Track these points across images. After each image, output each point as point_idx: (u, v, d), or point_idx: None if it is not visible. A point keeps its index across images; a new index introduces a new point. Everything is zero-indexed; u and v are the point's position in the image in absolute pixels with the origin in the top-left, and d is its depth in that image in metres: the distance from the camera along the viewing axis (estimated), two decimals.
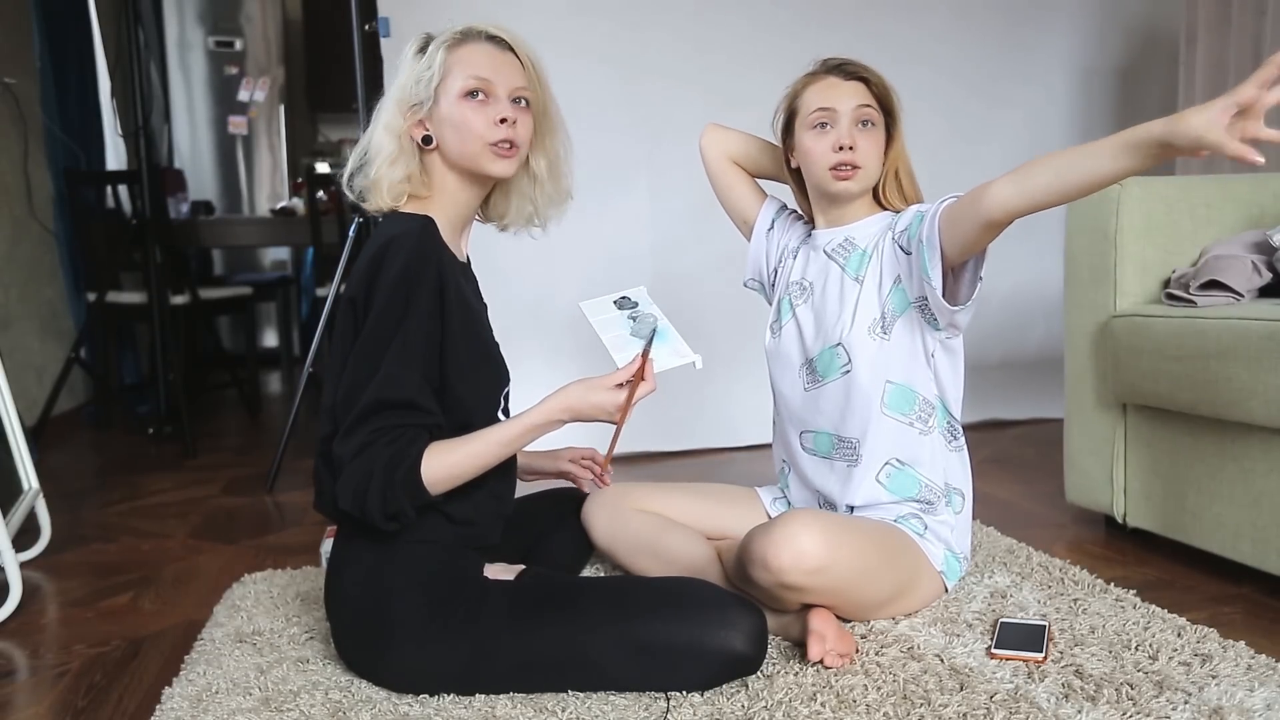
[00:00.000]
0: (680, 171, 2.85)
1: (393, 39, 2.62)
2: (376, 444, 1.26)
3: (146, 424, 3.52)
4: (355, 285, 1.32)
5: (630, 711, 1.28)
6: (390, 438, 1.27)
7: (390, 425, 1.27)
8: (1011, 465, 2.66)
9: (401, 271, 1.29)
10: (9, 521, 1.89)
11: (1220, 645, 1.42)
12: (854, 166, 1.55)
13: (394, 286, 1.28)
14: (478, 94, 1.35)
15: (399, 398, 1.27)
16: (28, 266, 3.56)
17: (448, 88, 1.36)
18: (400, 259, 1.29)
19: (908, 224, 1.53)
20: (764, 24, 2.87)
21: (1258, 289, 1.85)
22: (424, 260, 1.31)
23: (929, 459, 1.58)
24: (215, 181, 5.37)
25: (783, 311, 1.70)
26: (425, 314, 1.30)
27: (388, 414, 1.27)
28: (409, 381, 1.28)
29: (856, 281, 1.58)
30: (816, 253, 1.66)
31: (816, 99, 1.57)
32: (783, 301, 1.70)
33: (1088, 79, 3.19)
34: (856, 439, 1.58)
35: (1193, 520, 1.82)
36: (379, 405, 1.26)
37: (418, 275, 1.30)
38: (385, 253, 1.30)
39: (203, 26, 5.30)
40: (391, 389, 1.27)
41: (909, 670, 1.36)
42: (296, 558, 2.04)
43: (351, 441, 1.27)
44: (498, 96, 1.36)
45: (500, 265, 1.45)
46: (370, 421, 1.26)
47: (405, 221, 1.35)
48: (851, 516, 1.58)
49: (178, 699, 1.37)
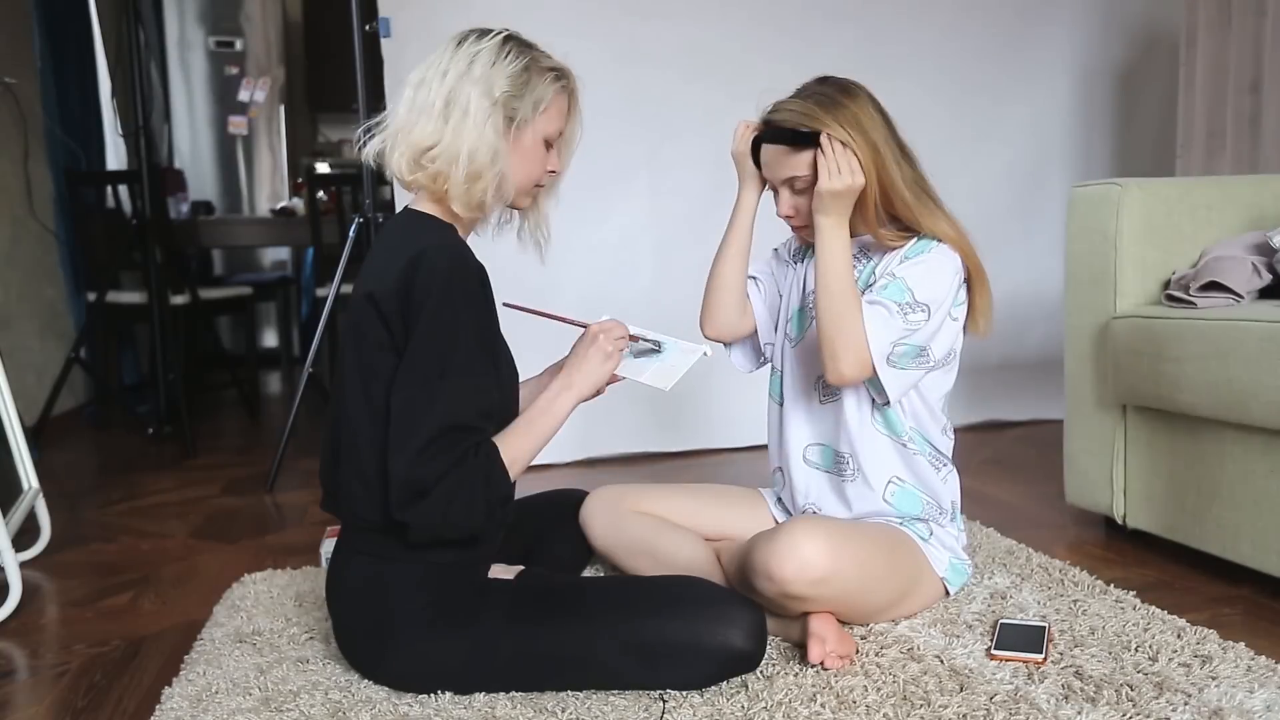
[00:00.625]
0: (681, 171, 2.86)
1: (393, 39, 2.62)
2: (462, 466, 1.25)
3: (146, 424, 3.52)
4: (382, 286, 1.30)
5: (630, 711, 1.28)
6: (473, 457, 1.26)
7: (469, 444, 1.26)
8: (1011, 466, 2.66)
9: (449, 281, 1.27)
10: (9, 521, 1.89)
11: (1220, 646, 1.42)
12: (803, 225, 1.57)
13: (442, 297, 1.26)
14: (552, 144, 1.42)
15: (469, 420, 1.27)
16: (28, 266, 3.56)
17: (540, 124, 1.38)
18: (443, 268, 1.27)
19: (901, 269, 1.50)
20: (766, 22, 2.86)
21: (1258, 290, 1.85)
22: (465, 263, 1.31)
23: (929, 477, 1.57)
24: (215, 181, 5.37)
25: (802, 323, 1.66)
26: (480, 314, 1.31)
27: (461, 434, 1.26)
28: (476, 398, 1.28)
29: None
30: None
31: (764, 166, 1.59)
32: (801, 313, 1.66)
33: (1088, 79, 3.20)
34: (854, 454, 1.57)
35: (1193, 521, 1.82)
36: (451, 429, 1.25)
37: (468, 282, 1.29)
38: (422, 261, 1.27)
39: (203, 26, 5.30)
40: (463, 411, 1.26)
41: (909, 671, 1.36)
42: (296, 558, 2.04)
43: (432, 468, 1.24)
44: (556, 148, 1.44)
45: (500, 265, 1.45)
46: (449, 448, 1.25)
47: (438, 233, 1.34)
48: (854, 521, 1.57)
49: (177, 699, 1.37)
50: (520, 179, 1.39)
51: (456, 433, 1.25)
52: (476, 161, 1.31)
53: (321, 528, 2.21)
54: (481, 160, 1.31)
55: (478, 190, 1.33)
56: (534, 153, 1.39)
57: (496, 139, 1.32)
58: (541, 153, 1.40)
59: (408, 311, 1.28)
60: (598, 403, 1.49)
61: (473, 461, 1.26)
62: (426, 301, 1.26)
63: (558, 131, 1.41)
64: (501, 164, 1.33)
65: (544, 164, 1.41)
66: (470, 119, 1.31)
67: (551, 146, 1.42)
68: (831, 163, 1.44)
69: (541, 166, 1.41)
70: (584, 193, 2.80)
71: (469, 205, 1.34)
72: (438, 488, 1.24)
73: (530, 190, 1.43)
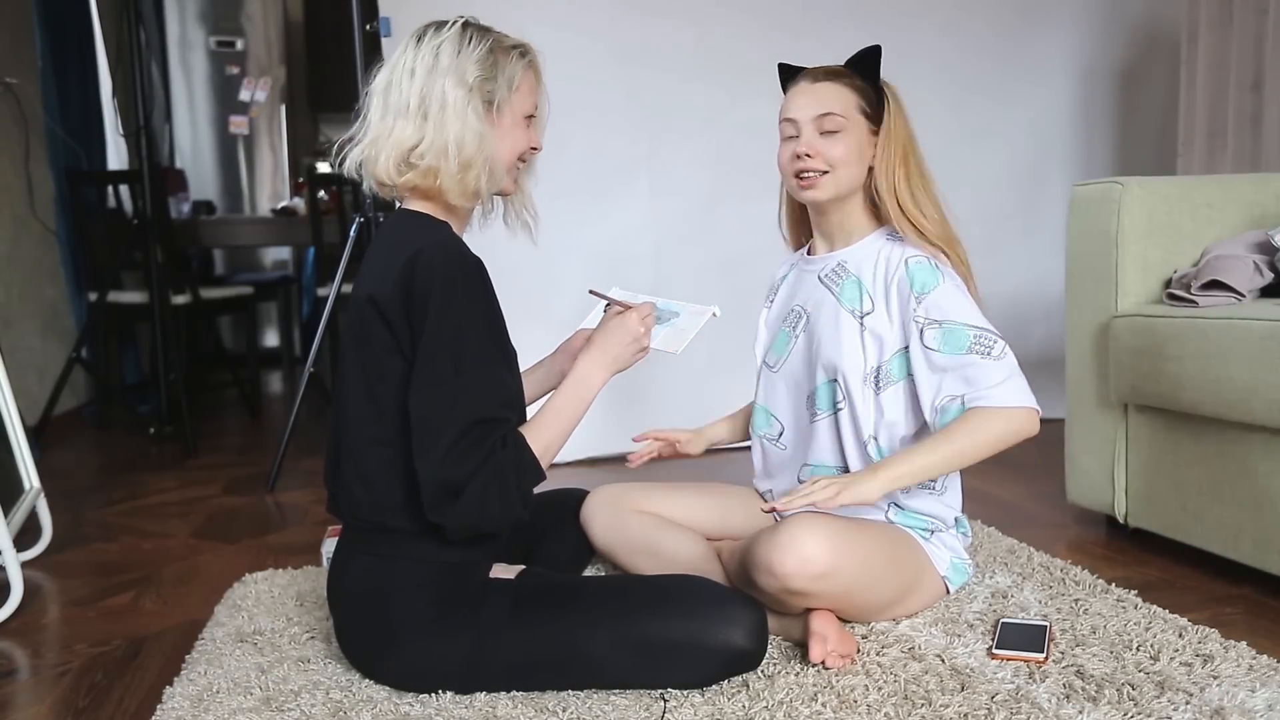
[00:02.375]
0: (682, 170, 2.86)
1: (393, 39, 2.62)
2: (493, 459, 1.25)
3: (148, 423, 3.53)
4: (382, 287, 1.30)
5: (630, 711, 1.28)
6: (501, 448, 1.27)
7: (496, 438, 1.27)
8: (1012, 465, 2.65)
9: (451, 276, 1.27)
10: (10, 521, 1.89)
11: (1222, 646, 1.42)
12: (818, 172, 1.51)
13: (446, 293, 1.26)
14: (530, 118, 1.41)
15: (492, 412, 1.27)
16: (29, 266, 3.57)
17: (515, 102, 1.38)
18: (442, 264, 1.28)
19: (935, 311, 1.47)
20: (767, 21, 2.86)
21: (1259, 289, 1.85)
22: (463, 259, 1.31)
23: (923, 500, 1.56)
24: (216, 181, 5.37)
25: (782, 348, 1.66)
26: (485, 306, 1.31)
27: (487, 428, 1.26)
28: (496, 389, 1.28)
29: (851, 315, 1.54)
30: (810, 276, 1.63)
31: (785, 109, 1.56)
32: (782, 334, 1.66)
33: (1089, 78, 3.19)
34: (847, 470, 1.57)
35: (1194, 520, 1.81)
36: (476, 423, 1.25)
37: (470, 276, 1.30)
38: (420, 260, 1.27)
39: (204, 26, 5.30)
40: (485, 404, 1.26)
41: (910, 670, 1.36)
42: (298, 557, 2.04)
43: (464, 466, 1.24)
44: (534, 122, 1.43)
45: (500, 265, 1.45)
46: (478, 443, 1.25)
47: (434, 231, 1.34)
48: (856, 519, 1.57)
49: (179, 698, 1.37)
50: (508, 159, 1.40)
51: (482, 427, 1.25)
52: (465, 150, 1.32)
53: (322, 527, 2.21)
54: (470, 148, 1.32)
55: (471, 178, 1.33)
56: (516, 131, 1.40)
57: (480, 124, 1.33)
58: (523, 130, 1.41)
59: (411, 312, 1.28)
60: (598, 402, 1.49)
61: (501, 454, 1.26)
62: (429, 301, 1.26)
63: (533, 106, 1.42)
64: (489, 148, 1.34)
65: (527, 141, 1.42)
66: (450, 109, 1.31)
67: (531, 121, 1.43)
68: None
69: (525, 143, 1.42)
70: (584, 193, 2.80)
71: (465, 194, 1.35)
72: (470, 486, 1.24)
73: (514, 170, 1.43)
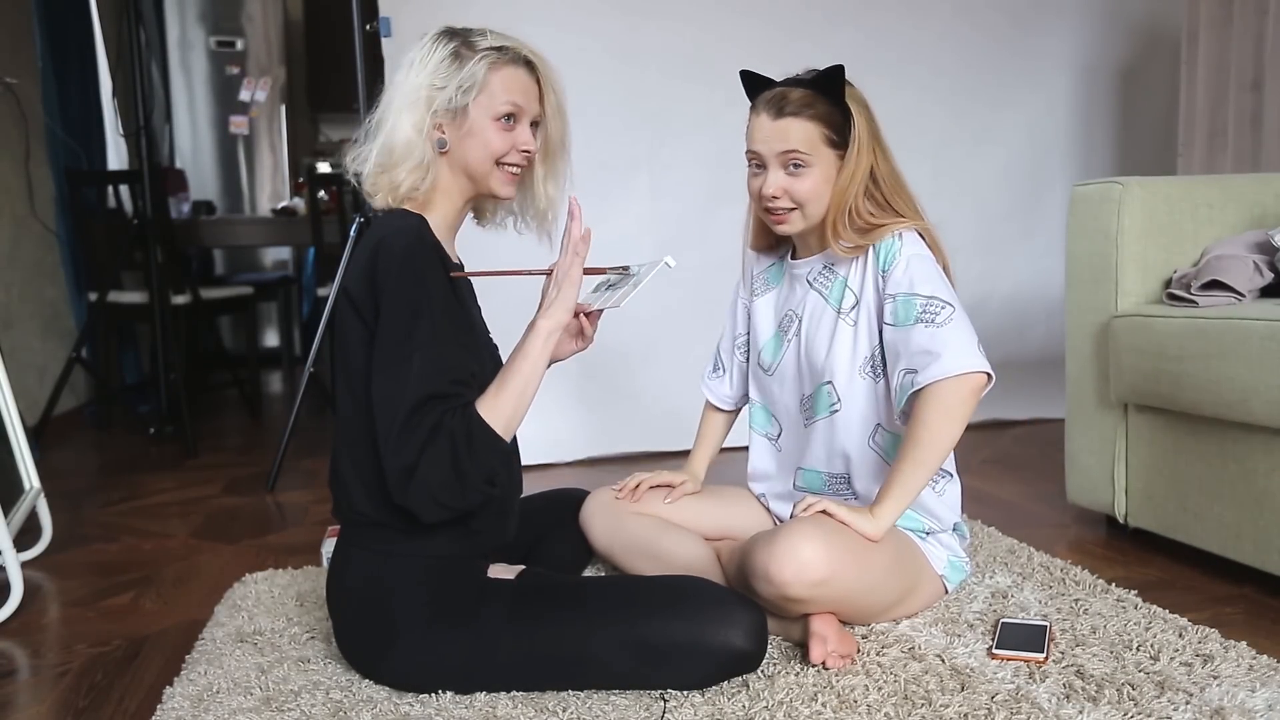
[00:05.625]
0: (682, 170, 2.86)
1: (393, 39, 2.62)
2: (440, 431, 1.24)
3: (148, 423, 3.52)
4: (354, 281, 1.33)
5: (631, 711, 1.28)
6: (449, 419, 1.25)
7: (440, 411, 1.25)
8: (1012, 465, 2.66)
9: (404, 260, 1.29)
10: (10, 521, 1.89)
11: (1222, 646, 1.42)
12: (786, 209, 1.51)
13: (400, 276, 1.28)
14: (510, 119, 1.39)
15: (440, 388, 1.26)
16: (29, 266, 3.56)
17: (482, 103, 1.37)
18: (399, 248, 1.30)
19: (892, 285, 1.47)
20: (767, 21, 2.86)
21: (1259, 289, 1.85)
22: (421, 241, 1.33)
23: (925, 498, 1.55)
24: (216, 181, 5.37)
25: (777, 349, 1.66)
26: (440, 286, 1.31)
27: (435, 403, 1.25)
28: (445, 365, 1.28)
29: (839, 315, 1.55)
30: (799, 282, 1.62)
31: (750, 139, 1.52)
32: (775, 339, 1.67)
33: (1089, 78, 3.19)
34: (846, 474, 1.57)
35: (1194, 520, 1.81)
36: (425, 400, 1.25)
37: (421, 259, 1.31)
38: (380, 248, 1.30)
39: (204, 26, 5.30)
40: (432, 381, 1.26)
41: (910, 671, 1.36)
42: (298, 557, 2.04)
43: (413, 443, 1.24)
44: (523, 124, 1.40)
45: (500, 265, 1.45)
46: (425, 419, 1.24)
47: (400, 219, 1.36)
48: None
49: (179, 699, 1.37)
50: (475, 161, 1.38)
51: (431, 402, 1.25)
52: (393, 155, 1.36)
53: (322, 527, 2.22)
54: (398, 154, 1.35)
55: (385, 181, 1.37)
56: (486, 134, 1.37)
57: (413, 133, 1.35)
58: (494, 132, 1.37)
59: (376, 299, 1.30)
60: (598, 402, 1.49)
61: (450, 424, 1.25)
62: (386, 283, 1.28)
63: (509, 105, 1.37)
64: (419, 156, 1.35)
65: (508, 140, 1.38)
66: (388, 123, 1.37)
67: (516, 123, 1.40)
68: None
69: (502, 145, 1.38)
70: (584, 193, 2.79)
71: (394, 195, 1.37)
72: (422, 459, 1.23)
73: (493, 171, 1.40)
